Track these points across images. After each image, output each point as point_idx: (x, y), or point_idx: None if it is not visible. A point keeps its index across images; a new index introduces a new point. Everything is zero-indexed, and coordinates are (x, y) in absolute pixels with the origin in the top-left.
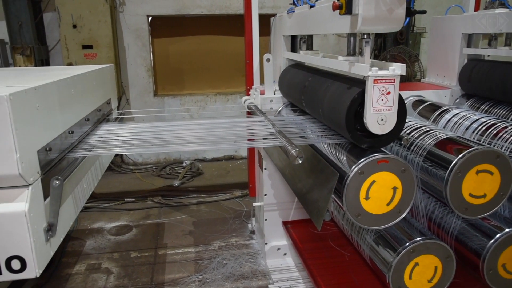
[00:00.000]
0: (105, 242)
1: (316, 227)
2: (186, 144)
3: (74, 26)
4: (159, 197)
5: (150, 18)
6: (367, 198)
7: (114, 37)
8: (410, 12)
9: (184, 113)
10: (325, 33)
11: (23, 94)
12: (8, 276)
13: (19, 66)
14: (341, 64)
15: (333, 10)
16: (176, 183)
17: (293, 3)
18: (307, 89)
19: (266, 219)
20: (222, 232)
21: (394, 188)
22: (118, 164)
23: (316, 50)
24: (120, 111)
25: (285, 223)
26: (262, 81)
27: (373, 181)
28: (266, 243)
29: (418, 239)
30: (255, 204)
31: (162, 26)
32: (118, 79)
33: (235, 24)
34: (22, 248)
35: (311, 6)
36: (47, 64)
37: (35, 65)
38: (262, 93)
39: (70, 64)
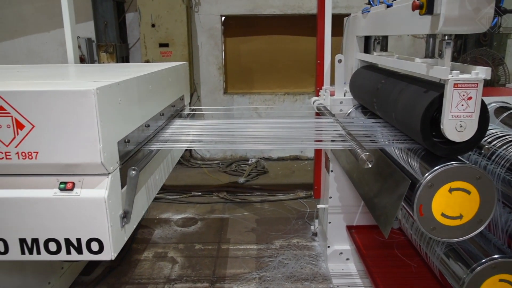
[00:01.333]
0: (172, 232)
1: (381, 234)
2: (253, 142)
3: (153, 26)
4: (224, 193)
5: (223, 18)
6: (441, 208)
7: (188, 36)
8: (500, 11)
9: (252, 111)
10: (402, 34)
11: (108, 88)
12: (88, 256)
13: (103, 63)
14: (418, 67)
15: (413, 10)
16: (241, 180)
17: (369, 3)
18: (380, 91)
19: (329, 222)
20: (285, 232)
21: (471, 197)
22: (187, 158)
23: (390, 51)
24: (192, 107)
25: (349, 228)
26: (332, 82)
27: (448, 190)
28: (328, 247)
29: (496, 256)
30: (319, 206)
31: (235, 26)
32: (190, 76)
33: (306, 24)
34: (100, 232)
35: (388, 6)
36: (127, 61)
37: (117, 62)
38: (332, 94)
39: (147, 61)
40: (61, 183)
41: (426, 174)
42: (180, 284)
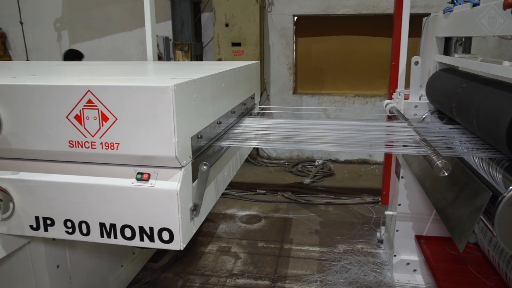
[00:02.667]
0: (236, 228)
1: (454, 247)
2: (320, 143)
3: (226, 25)
4: (289, 193)
5: (295, 18)
6: None
7: (260, 35)
8: None
9: (321, 112)
10: (490, 34)
11: (184, 85)
12: (158, 245)
13: (178, 60)
14: (506, 70)
15: (504, 9)
16: (306, 181)
17: (452, 2)
18: (460, 96)
19: (397, 230)
20: (349, 236)
21: None
22: (253, 156)
23: (473, 53)
24: (261, 106)
25: (418, 237)
26: (407, 85)
27: None
28: (394, 255)
29: None
30: (387, 212)
31: (307, 26)
32: (261, 75)
33: (381, 24)
34: (171, 222)
35: (474, 5)
36: (201, 59)
37: (191, 60)
38: (406, 97)
39: (219, 59)
40: (138, 173)
41: (511, 187)
42: (241, 280)
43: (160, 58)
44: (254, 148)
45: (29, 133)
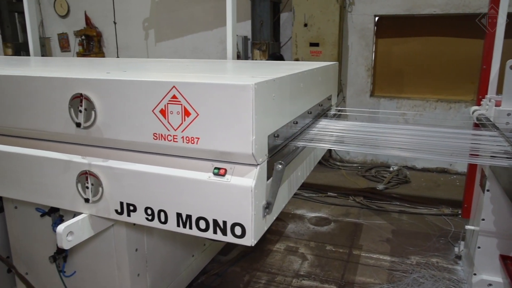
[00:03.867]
0: (305, 229)
1: None
2: (397, 149)
3: (305, 25)
4: (361, 198)
5: (377, 18)
6: None
7: (339, 36)
8: None
9: (399, 116)
10: None
11: (264, 84)
12: (231, 239)
13: (255, 60)
14: None
15: None
16: (380, 186)
17: None
18: None
19: (479, 247)
20: (423, 248)
21: None
22: (326, 158)
23: None
24: (337, 108)
25: (503, 257)
26: (499, 91)
27: None
28: (474, 274)
29: None
30: (467, 227)
31: (388, 26)
32: (338, 76)
33: (471, 25)
34: (244, 218)
35: None
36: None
37: (268, 59)
38: (497, 104)
39: (297, 59)
40: (215, 168)
41: None
42: (308, 281)
43: (238, 57)
44: (327, 149)
45: (119, 124)
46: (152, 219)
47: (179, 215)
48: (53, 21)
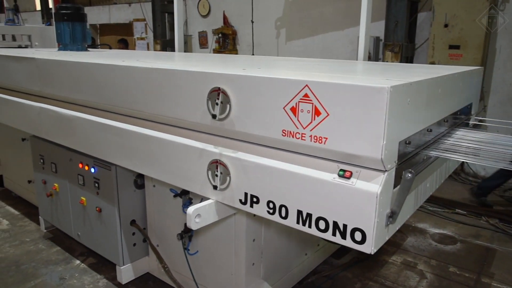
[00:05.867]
0: (426, 245)
1: None
2: None
3: (445, 26)
4: (496, 220)
5: None
6: None
7: (486, 38)
8: None
9: None
10: None
11: (400, 87)
12: (349, 243)
13: (386, 61)
14: None
15: None
16: None
17: None
18: None
19: None
20: None
21: None
22: (457, 171)
23: None
24: (478, 117)
25: None
26: None
27: None
28: None
29: None
30: None
31: None
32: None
33: None
34: (366, 224)
35: None
36: (411, 61)
37: (400, 62)
38: None
39: (432, 63)
40: (340, 170)
41: None
42: None
43: (368, 58)
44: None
45: (251, 118)
46: (273, 213)
47: (299, 213)
48: (195, 20)
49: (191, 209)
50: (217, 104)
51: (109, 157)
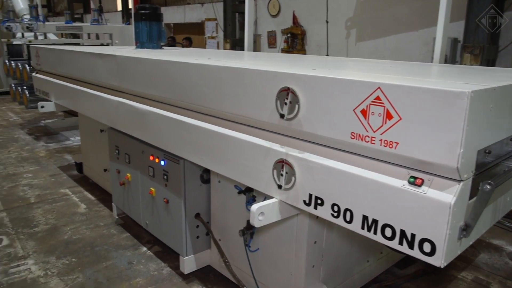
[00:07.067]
0: (501, 264)
1: None
2: None
3: None
4: None
5: None
6: None
7: None
8: None
9: None
10: None
11: (482, 92)
12: (417, 254)
13: (464, 64)
14: None
15: None
16: None
17: None
18: None
19: None
20: None
21: None
22: None
23: None
24: None
25: None
26: None
27: None
28: None
29: None
30: None
31: None
32: None
33: None
34: (437, 236)
35: None
36: (493, 65)
37: (480, 65)
38: None
39: None
40: (411, 177)
41: None
42: None
43: (445, 60)
44: None
45: (319, 119)
46: (337, 216)
47: (365, 218)
48: (265, 20)
49: (255, 207)
50: (285, 103)
51: (178, 151)
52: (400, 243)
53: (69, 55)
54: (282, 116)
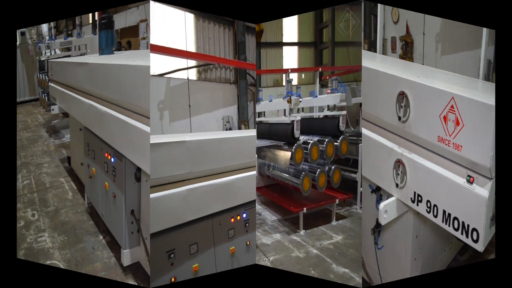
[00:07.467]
0: None
1: None
2: None
3: None
4: None
5: None
6: None
7: None
8: None
9: None
10: None
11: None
12: (469, 241)
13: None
14: None
15: None
16: None
17: None
18: None
19: None
20: None
21: None
22: None
23: None
24: None
25: None
26: None
27: None
28: None
29: None
30: None
31: None
32: None
33: None
34: (479, 225)
35: None
36: None
37: None
38: None
39: None
40: (468, 175)
41: None
42: None
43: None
44: None
45: (419, 123)
46: (429, 211)
47: (444, 212)
48: (390, 25)
49: (382, 205)
50: (401, 107)
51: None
52: (462, 233)
53: (56, 65)
54: (399, 118)
